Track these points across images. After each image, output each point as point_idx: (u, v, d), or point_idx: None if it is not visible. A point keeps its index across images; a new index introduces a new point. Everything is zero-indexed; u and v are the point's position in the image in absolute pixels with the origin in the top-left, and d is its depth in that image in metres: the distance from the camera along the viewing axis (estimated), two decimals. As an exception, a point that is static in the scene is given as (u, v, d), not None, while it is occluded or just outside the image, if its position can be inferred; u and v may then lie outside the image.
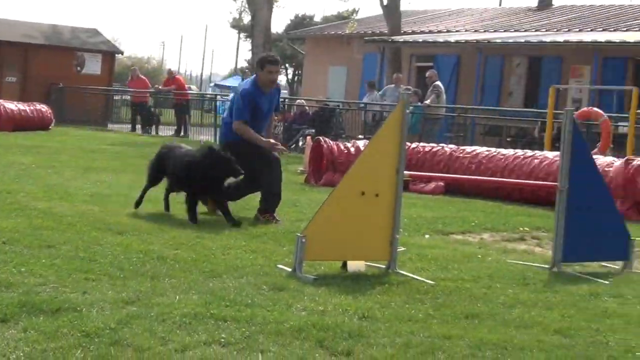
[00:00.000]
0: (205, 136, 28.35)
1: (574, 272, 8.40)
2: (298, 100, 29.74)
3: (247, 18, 52.78)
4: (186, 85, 36.56)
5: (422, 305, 6.60)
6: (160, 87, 33.78)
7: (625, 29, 29.67)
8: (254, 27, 37.23)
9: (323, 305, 6.36)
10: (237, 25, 71.76)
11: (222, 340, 5.34)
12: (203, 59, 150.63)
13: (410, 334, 5.75)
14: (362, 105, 27.44)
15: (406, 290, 7.09)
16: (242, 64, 77.44)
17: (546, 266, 8.52)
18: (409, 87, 26.16)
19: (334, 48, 37.51)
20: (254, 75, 10.79)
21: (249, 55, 53.79)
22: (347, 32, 36.21)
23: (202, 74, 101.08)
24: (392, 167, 7.71)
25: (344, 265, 7.79)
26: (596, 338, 5.99)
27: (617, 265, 8.83)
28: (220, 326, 5.62)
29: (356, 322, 5.96)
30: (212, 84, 77.79)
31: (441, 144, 17.05)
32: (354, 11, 49.56)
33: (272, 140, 10.66)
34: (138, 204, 10.48)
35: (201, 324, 5.62)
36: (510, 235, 10.73)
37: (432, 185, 15.50)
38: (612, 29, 29.97)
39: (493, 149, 16.06)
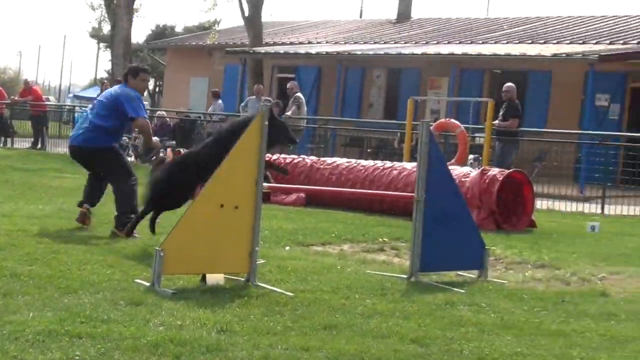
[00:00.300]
0: (63, 148, 27.79)
1: (431, 282, 8.54)
2: (159, 112, 29.48)
3: (106, 28, 52.06)
4: (44, 96, 35.79)
5: (281, 317, 6.60)
6: (16, 98, 32.98)
7: (481, 41, 30.40)
8: (114, 37, 36.84)
9: (181, 319, 6.30)
10: (96, 35, 70.64)
11: (77, 357, 5.24)
12: (62, 69, 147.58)
13: (269, 347, 5.75)
14: (224, 116, 27.38)
15: (265, 302, 7.08)
16: (102, 74, 76.23)
17: (404, 276, 8.64)
18: (269, 98, 26.26)
19: (196, 59, 37.33)
20: (123, 84, 10.86)
21: (108, 66, 53.07)
22: (208, 42, 36.10)
23: (60, 84, 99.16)
24: (251, 179, 7.69)
25: (203, 278, 7.74)
26: (451, 346, 6.10)
27: (472, 274, 9.01)
28: (75, 343, 5.50)
29: (214, 336, 5.92)
30: (70, 95, 76.31)
31: (302, 156, 17.13)
32: (216, 22, 49.34)
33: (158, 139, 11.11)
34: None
35: (55, 342, 5.49)
36: (369, 246, 10.84)
37: (293, 196, 15.56)
38: (468, 42, 30.66)
39: (353, 160, 16.21)
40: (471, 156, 19.31)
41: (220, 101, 27.71)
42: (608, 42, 27.29)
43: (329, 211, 14.34)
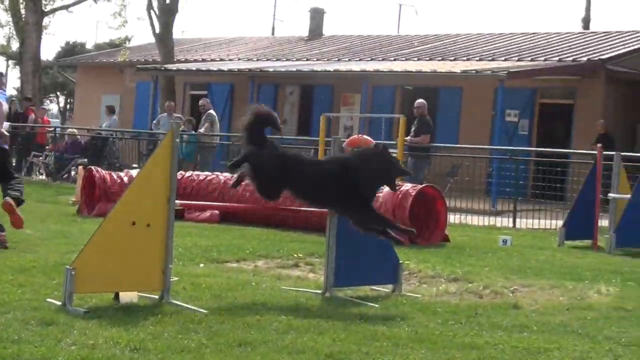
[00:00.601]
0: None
1: (346, 297, 8.56)
2: (69, 129, 29.12)
3: (15, 45, 51.23)
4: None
5: (196, 335, 6.55)
6: None
7: (392, 58, 30.67)
8: (23, 55, 36.38)
9: (94, 338, 6.21)
10: (4, 52, 69.53)
11: (-14, 379, 5.13)
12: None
13: (183, 365, 5.70)
14: (136, 134, 27.20)
15: (179, 320, 7.02)
16: (11, 92, 75.08)
17: (319, 291, 8.64)
18: (180, 115, 26.15)
19: (107, 76, 36.97)
20: None
21: (17, 83, 52.27)
22: (119, 60, 35.80)
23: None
24: (163, 197, 7.63)
25: (116, 296, 7.65)
26: (366, 361, 6.11)
27: (387, 288, 9.05)
28: (-17, 365, 5.40)
29: (127, 355, 5.85)
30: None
31: (216, 172, 17.06)
32: (127, 39, 49.05)
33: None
34: None
35: (-37, 364, 5.38)
36: (284, 262, 10.83)
37: (207, 213, 15.48)
38: (380, 59, 30.91)
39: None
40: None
41: (115, 117, 27.78)
42: (516, 58, 27.77)
43: (244, 228, 14.30)
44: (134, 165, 23.00)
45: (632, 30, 30.11)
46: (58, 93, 61.15)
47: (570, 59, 26.71)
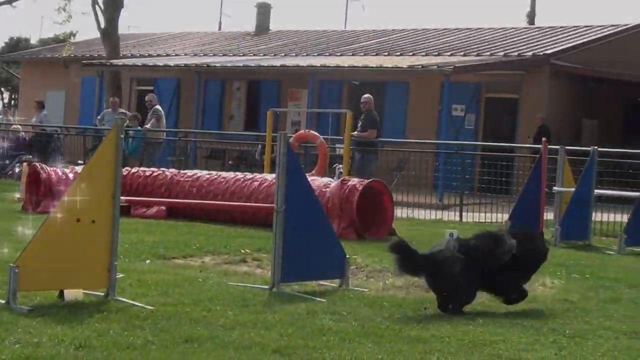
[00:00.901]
0: None
1: (293, 292, 8.56)
2: (13, 126, 28.77)
3: (-43, 41, 50.54)
4: None
5: (142, 332, 6.51)
6: None
7: (339, 53, 30.70)
8: (-35, 51, 35.81)
9: (38, 336, 6.15)
10: (-53, 48, 68.69)
11: None
12: None
13: (129, 362, 5.66)
14: (81, 130, 26.98)
15: (125, 317, 6.97)
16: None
17: (266, 287, 8.63)
18: (124, 111, 25.98)
19: (52, 72, 36.62)
20: None
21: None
22: (64, 55, 35.46)
23: None
24: (108, 193, 7.57)
25: (61, 294, 7.58)
26: (313, 355, 6.12)
27: (334, 283, 9.06)
28: None
29: (72, 353, 5.80)
30: None
31: (162, 168, 16.96)
32: (72, 34, 48.49)
33: None
34: None
35: None
36: (231, 258, 10.80)
37: (154, 209, 15.38)
38: (327, 54, 30.93)
39: (214, 172, 16.12)
40: (340, 165, 19.44)
41: (45, 112, 27.53)
42: (462, 53, 27.92)
43: (191, 224, 14.22)
44: (80, 162, 22.79)
45: (576, 26, 30.43)
46: (2, 89, 60.44)
47: (516, 53, 26.92)
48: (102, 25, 31.62)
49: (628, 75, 26.56)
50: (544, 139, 15.41)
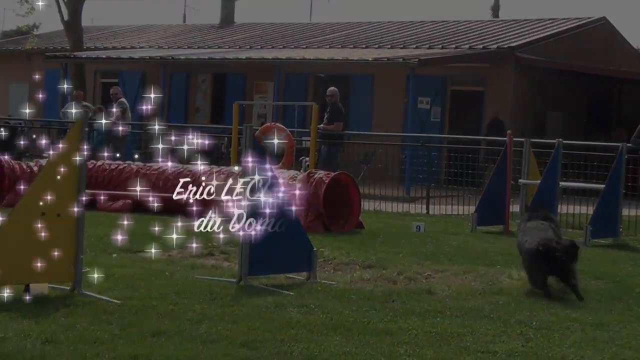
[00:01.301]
0: None
1: (261, 285, 8.54)
2: (-23, 119, 28.54)
3: None
4: None
5: (109, 326, 6.47)
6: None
7: (305, 46, 30.66)
8: None
9: (3, 331, 6.10)
10: None
11: None
12: None
13: (96, 356, 5.63)
14: (45, 122, 26.76)
15: (92, 311, 6.93)
16: None
17: (233, 280, 8.61)
18: (87, 104, 25.82)
19: (14, 64, 36.30)
20: None
21: None
22: (27, 47, 35.16)
23: None
24: (72, 186, 7.52)
25: (27, 288, 7.50)
26: (281, 349, 6.11)
27: (301, 276, 9.05)
28: None
29: (39, 347, 5.76)
30: None
31: (128, 162, 16.85)
32: (35, 26, 48.13)
33: None
34: None
35: None
36: (199, 251, 10.74)
37: (120, 203, 15.30)
38: (292, 47, 30.87)
39: (180, 165, 16.04)
40: (306, 158, 19.42)
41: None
42: (427, 46, 27.96)
43: (157, 217, 14.13)
44: (44, 155, 22.60)
45: (540, 18, 30.55)
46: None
47: (481, 46, 26.99)
48: (66, 17, 31.36)
49: (592, 68, 26.73)
50: (508, 131, 15.46)
